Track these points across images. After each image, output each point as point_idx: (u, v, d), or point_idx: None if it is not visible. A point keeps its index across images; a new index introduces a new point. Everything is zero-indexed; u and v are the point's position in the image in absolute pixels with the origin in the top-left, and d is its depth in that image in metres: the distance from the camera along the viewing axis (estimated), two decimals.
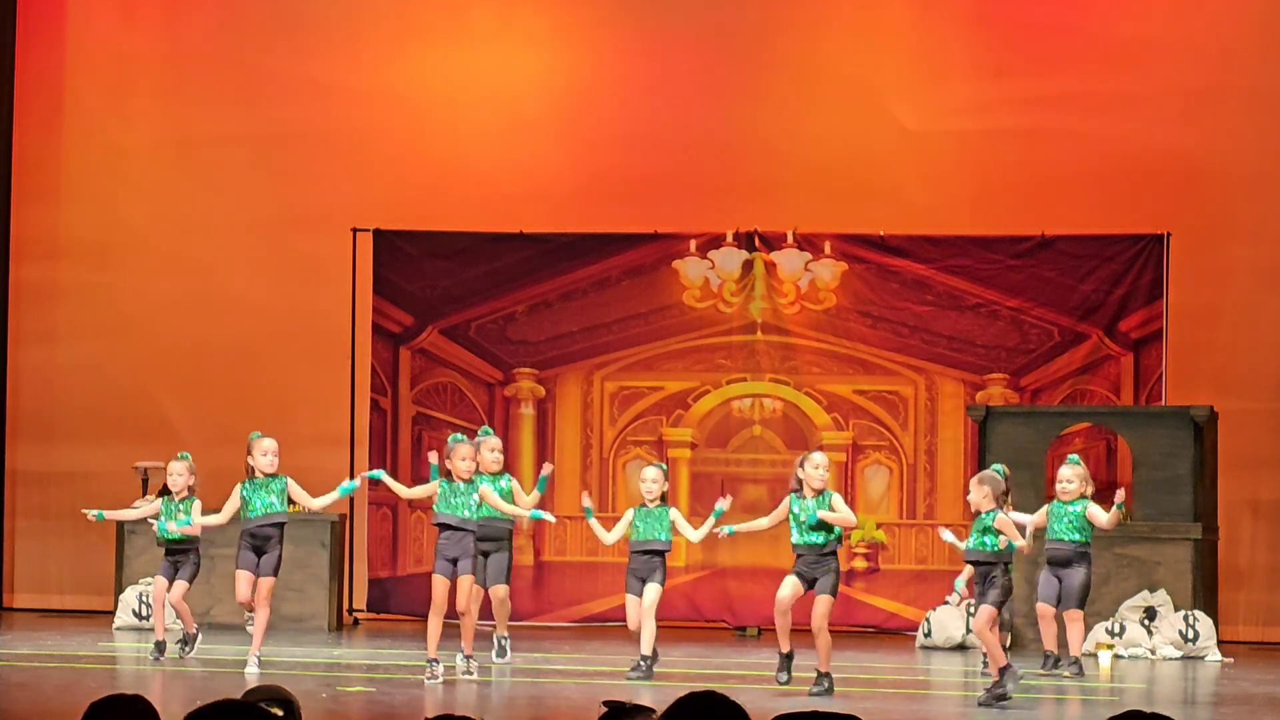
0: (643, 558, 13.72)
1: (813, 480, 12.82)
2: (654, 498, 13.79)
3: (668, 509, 13.85)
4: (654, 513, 13.76)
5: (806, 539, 12.78)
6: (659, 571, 13.73)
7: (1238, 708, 12.96)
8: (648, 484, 13.86)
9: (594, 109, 18.85)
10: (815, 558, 12.77)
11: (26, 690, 12.60)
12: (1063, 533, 14.43)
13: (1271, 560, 17.82)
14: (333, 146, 18.92)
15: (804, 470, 12.86)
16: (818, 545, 12.77)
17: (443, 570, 13.05)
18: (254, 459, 13.93)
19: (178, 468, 14.80)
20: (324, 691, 12.54)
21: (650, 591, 13.64)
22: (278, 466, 13.94)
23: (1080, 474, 14.52)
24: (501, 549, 14.44)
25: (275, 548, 13.91)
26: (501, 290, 18.44)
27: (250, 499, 13.92)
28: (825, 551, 12.80)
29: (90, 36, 19.44)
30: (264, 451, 13.90)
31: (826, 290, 18.10)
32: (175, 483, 14.77)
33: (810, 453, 13.35)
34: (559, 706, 12.70)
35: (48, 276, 19.33)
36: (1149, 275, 17.57)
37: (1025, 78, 18.34)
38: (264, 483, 13.91)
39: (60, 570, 19.14)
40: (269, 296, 18.96)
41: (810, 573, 12.80)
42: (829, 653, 12.82)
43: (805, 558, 12.79)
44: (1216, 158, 18.08)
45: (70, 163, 19.38)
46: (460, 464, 13.01)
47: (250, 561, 13.90)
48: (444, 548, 13.07)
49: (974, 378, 17.92)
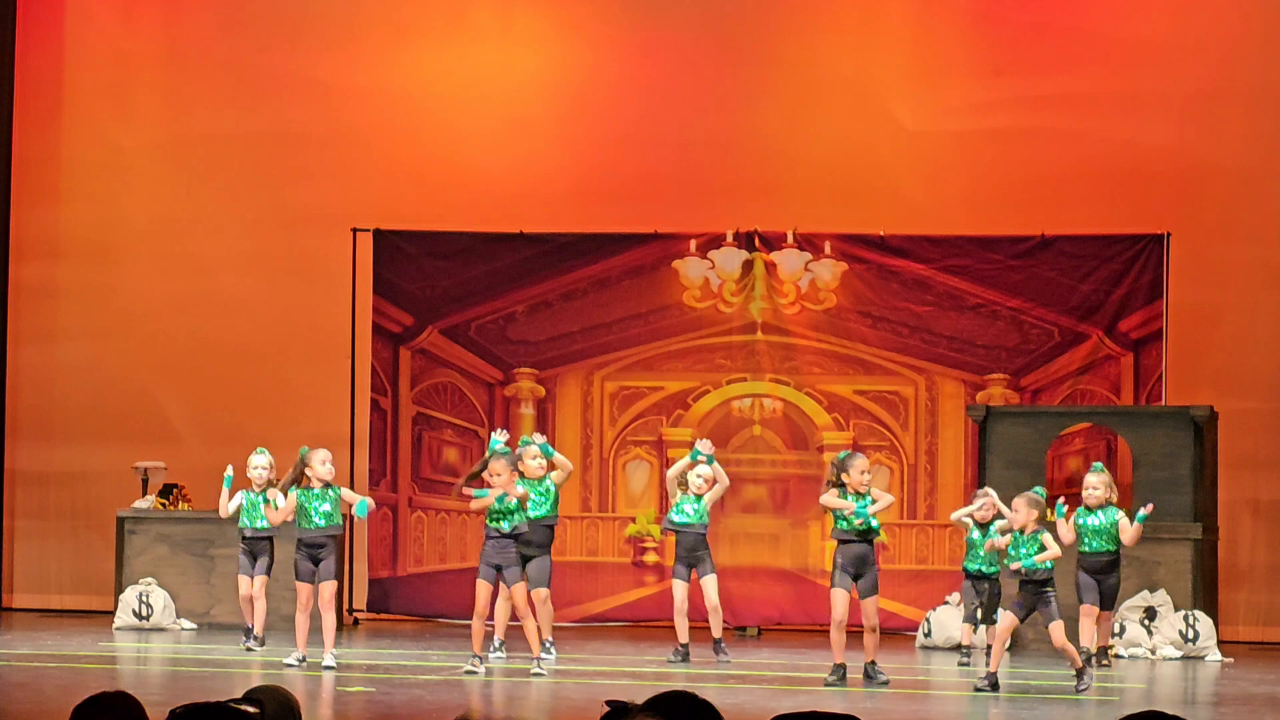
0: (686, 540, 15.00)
1: (857, 484, 13.40)
2: (700, 490, 15.00)
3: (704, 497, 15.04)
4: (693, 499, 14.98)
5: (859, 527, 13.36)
6: (708, 559, 15.06)
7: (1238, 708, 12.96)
8: (697, 479, 15.03)
9: (594, 109, 18.85)
10: (865, 546, 13.38)
11: (26, 690, 12.60)
12: (1100, 545, 14.50)
13: (1271, 560, 17.82)
14: (333, 146, 18.91)
15: (848, 474, 13.41)
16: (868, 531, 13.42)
17: (486, 576, 13.72)
18: (313, 469, 14.14)
19: (260, 461, 15.27)
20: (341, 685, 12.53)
21: (709, 585, 15.00)
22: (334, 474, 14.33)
23: (1106, 481, 14.60)
24: (544, 553, 14.82)
25: (330, 555, 14.32)
26: (501, 290, 18.43)
27: (308, 507, 14.11)
28: (872, 537, 13.50)
29: (90, 36, 19.43)
30: (322, 460, 14.21)
31: (826, 290, 18.09)
32: (260, 476, 15.18)
33: (853, 455, 13.66)
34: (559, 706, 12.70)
35: (48, 276, 19.33)
36: (1149, 275, 17.56)
37: (1025, 78, 18.33)
38: (320, 493, 14.11)
39: (60, 570, 19.14)
40: (269, 296, 18.96)
41: (857, 567, 13.36)
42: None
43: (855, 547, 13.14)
44: (1216, 158, 18.08)
45: (70, 163, 19.38)
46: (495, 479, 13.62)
47: (308, 571, 14.20)
48: (489, 554, 13.70)
49: (974, 378, 17.92)
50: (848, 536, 13.32)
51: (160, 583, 17.31)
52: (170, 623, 17.21)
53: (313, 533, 14.16)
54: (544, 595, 14.82)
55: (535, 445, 14.96)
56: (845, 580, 13.27)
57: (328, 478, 14.14)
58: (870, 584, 13.39)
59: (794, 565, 18.06)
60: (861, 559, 13.33)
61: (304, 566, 14.24)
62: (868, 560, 13.38)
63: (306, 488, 14.16)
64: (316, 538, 14.15)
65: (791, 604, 17.98)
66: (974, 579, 15.31)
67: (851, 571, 13.30)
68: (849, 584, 13.28)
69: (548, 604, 14.94)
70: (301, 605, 14.33)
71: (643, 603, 18.06)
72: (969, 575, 15.35)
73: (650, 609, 17.83)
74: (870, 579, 13.38)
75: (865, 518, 13.34)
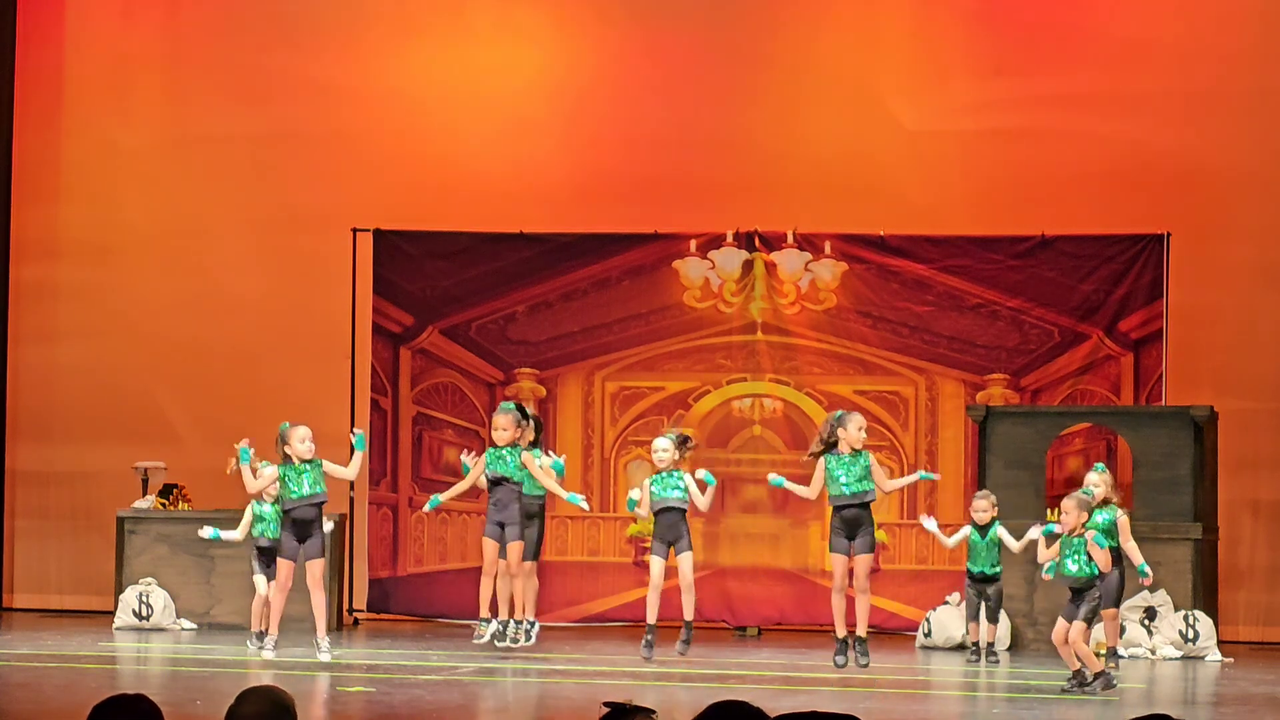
0: (665, 519, 14.44)
1: (854, 441, 13.50)
2: (665, 465, 14.52)
3: (682, 474, 14.57)
4: (668, 476, 14.52)
5: (855, 488, 13.43)
6: (685, 536, 14.49)
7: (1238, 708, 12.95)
8: (659, 454, 14.60)
9: (594, 108, 18.85)
10: (859, 508, 13.41)
11: (26, 690, 12.59)
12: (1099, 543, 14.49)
13: (1271, 560, 17.82)
14: (333, 146, 18.91)
15: (845, 430, 13.45)
16: (863, 493, 13.50)
17: (492, 534, 14.38)
18: (291, 447, 14.09)
19: (271, 473, 14.66)
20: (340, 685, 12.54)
21: (684, 561, 14.46)
22: (314, 451, 14.13)
23: (1108, 480, 14.62)
24: (533, 524, 14.98)
25: (318, 531, 14.22)
26: (502, 290, 18.44)
27: (290, 480, 14.07)
28: (868, 500, 13.54)
29: (90, 36, 19.43)
30: (301, 438, 14.14)
31: (827, 290, 18.09)
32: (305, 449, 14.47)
33: (850, 413, 13.70)
34: (559, 706, 12.71)
35: (48, 276, 19.33)
36: (1149, 275, 17.56)
37: (1025, 78, 18.33)
38: (300, 467, 14.06)
39: (60, 570, 19.14)
40: (269, 296, 18.96)
41: (849, 530, 13.38)
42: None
43: (848, 511, 13.16)
44: (1216, 158, 18.07)
45: (70, 163, 19.38)
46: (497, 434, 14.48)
47: (293, 548, 14.08)
48: (491, 513, 14.40)
49: (974, 378, 17.92)
50: (842, 502, 13.49)
51: (160, 583, 17.31)
52: (170, 623, 17.21)
53: (296, 502, 14.10)
54: (529, 568, 14.95)
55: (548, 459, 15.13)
56: (841, 544, 13.50)
57: (307, 455, 14.11)
58: (864, 544, 13.48)
59: (794, 565, 18.06)
60: (855, 522, 13.47)
61: (289, 544, 14.13)
62: (861, 522, 13.49)
63: (287, 464, 14.14)
64: (302, 508, 14.10)
65: (791, 604, 17.98)
66: (977, 581, 15.30)
67: (844, 533, 13.47)
68: (845, 547, 13.51)
69: (533, 577, 15.07)
70: (280, 584, 14.27)
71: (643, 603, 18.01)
72: (971, 578, 15.35)
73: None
74: (864, 540, 13.49)
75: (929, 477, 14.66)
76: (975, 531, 15.32)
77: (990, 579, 15.28)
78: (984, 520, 15.31)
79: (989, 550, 15.26)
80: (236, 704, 4.99)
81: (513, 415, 14.74)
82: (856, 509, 13.45)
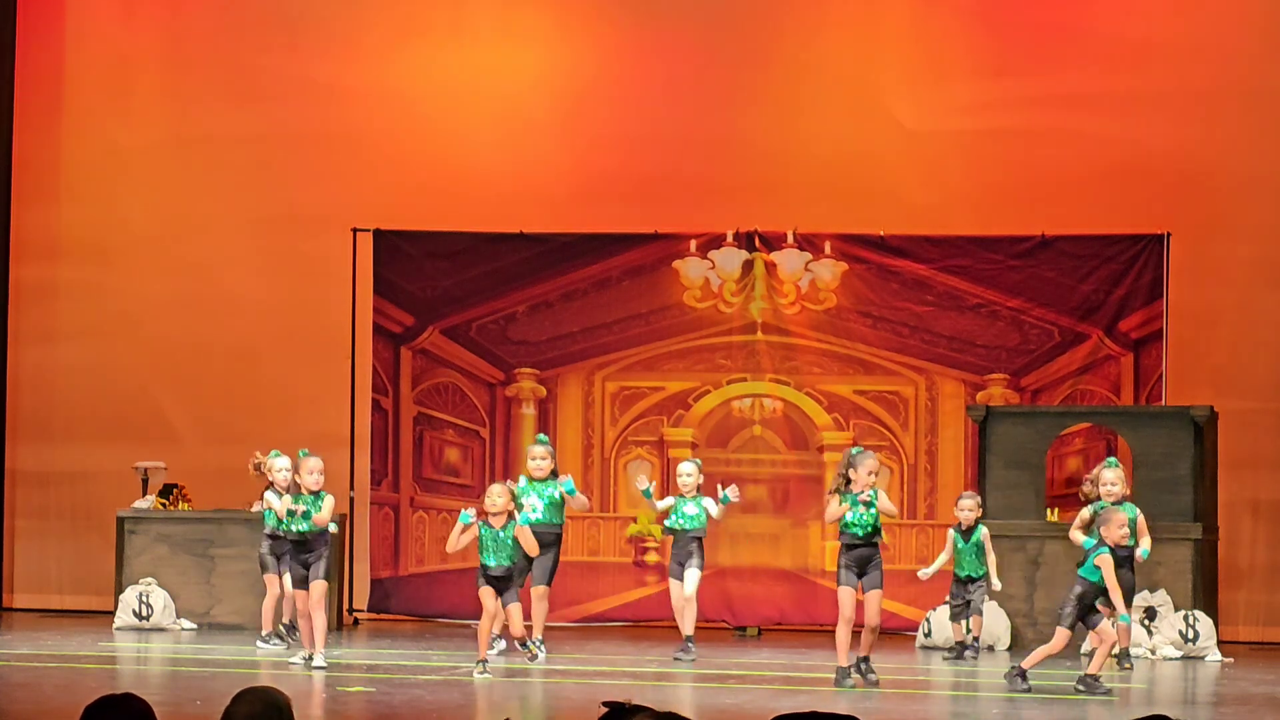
0: (683, 541, 15.20)
1: (863, 484, 13.22)
2: (689, 489, 15.21)
3: (701, 499, 15.25)
4: (692, 500, 15.25)
5: (867, 529, 13.24)
6: (696, 555, 15.15)
7: (1238, 708, 12.95)
8: (684, 478, 15.32)
9: (594, 108, 18.85)
10: (868, 547, 13.26)
11: (26, 690, 12.60)
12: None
13: (1271, 560, 17.82)
14: (333, 146, 18.92)
15: (856, 472, 13.27)
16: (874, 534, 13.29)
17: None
18: (300, 476, 14.12)
19: (283, 464, 15.06)
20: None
21: (690, 577, 15.07)
22: (322, 484, 14.17)
23: (1123, 476, 14.68)
24: (549, 552, 14.93)
25: (320, 559, 14.15)
26: (502, 290, 18.44)
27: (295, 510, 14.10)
28: (876, 541, 13.39)
29: (90, 36, 19.43)
30: (310, 470, 14.10)
31: (827, 290, 18.09)
32: (284, 478, 14.95)
33: (865, 454, 13.45)
34: (559, 706, 12.71)
35: (47, 276, 19.33)
36: (1149, 275, 17.56)
37: (1025, 78, 18.33)
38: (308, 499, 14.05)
39: (60, 570, 19.14)
40: (269, 296, 18.96)
41: (861, 566, 13.27)
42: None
43: (859, 550, 13.11)
44: (1216, 158, 18.07)
45: (70, 163, 19.38)
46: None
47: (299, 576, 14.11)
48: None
49: (974, 378, 17.92)
50: (851, 540, 13.26)
51: (160, 583, 17.31)
52: (170, 623, 17.21)
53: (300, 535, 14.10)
54: (542, 592, 14.88)
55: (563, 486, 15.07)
56: (850, 578, 13.24)
57: (314, 488, 14.12)
58: (874, 580, 13.33)
59: (794, 565, 18.06)
60: (866, 560, 13.30)
61: (296, 572, 14.22)
62: (872, 560, 13.35)
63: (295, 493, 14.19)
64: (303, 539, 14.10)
65: (791, 604, 17.98)
66: (961, 582, 15.48)
67: (856, 570, 13.31)
68: (854, 581, 13.24)
69: (544, 601, 14.97)
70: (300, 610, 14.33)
71: (643, 603, 18.06)
72: (958, 580, 15.52)
73: (651, 609, 17.83)
74: (874, 576, 13.35)
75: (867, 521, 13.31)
76: (959, 535, 15.41)
77: (975, 579, 15.42)
78: (969, 521, 15.41)
79: (973, 553, 15.39)
80: (232, 704, 4.99)
81: (548, 447, 15.22)
82: (866, 548, 13.34)
